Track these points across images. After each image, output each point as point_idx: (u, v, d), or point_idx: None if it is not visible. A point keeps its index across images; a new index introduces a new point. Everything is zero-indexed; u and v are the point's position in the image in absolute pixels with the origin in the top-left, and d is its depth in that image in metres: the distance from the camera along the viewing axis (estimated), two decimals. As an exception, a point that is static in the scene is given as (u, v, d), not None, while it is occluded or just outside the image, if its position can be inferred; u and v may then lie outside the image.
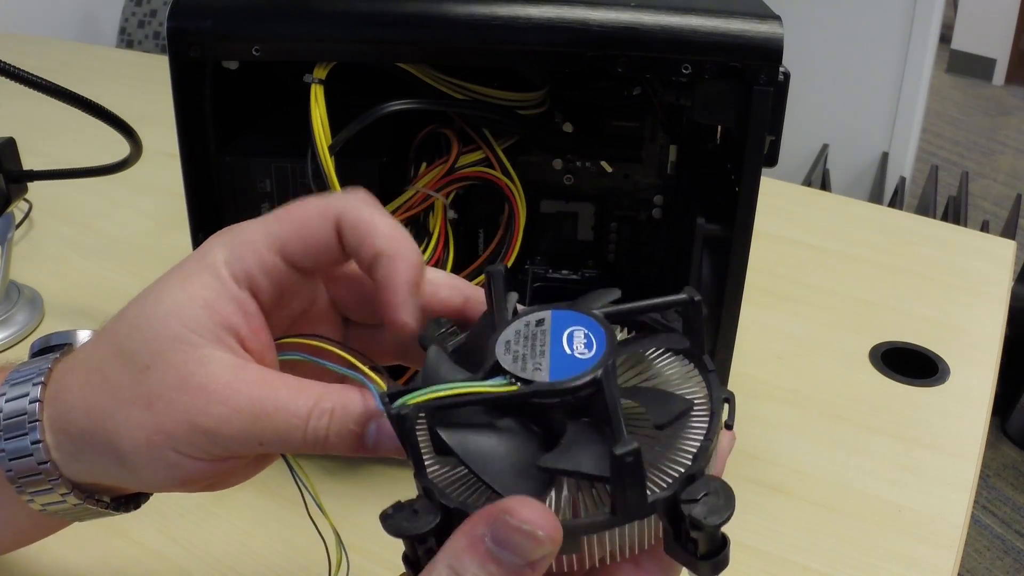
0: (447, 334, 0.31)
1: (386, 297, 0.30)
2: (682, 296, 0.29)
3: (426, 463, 0.27)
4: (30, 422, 0.29)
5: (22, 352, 0.62)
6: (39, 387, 0.30)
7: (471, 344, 0.30)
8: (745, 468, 0.51)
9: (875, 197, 2.47)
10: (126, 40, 2.07)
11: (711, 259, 0.44)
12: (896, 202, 2.34)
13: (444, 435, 0.26)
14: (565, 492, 0.26)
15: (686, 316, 0.30)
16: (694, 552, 0.25)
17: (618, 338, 0.28)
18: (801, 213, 0.86)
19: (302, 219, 0.30)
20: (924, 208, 2.27)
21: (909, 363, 0.63)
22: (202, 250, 0.30)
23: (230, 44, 0.41)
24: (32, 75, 0.51)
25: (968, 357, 0.64)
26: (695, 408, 0.28)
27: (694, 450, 0.26)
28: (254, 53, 0.41)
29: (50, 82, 0.52)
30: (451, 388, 0.26)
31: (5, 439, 0.29)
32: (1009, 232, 2.05)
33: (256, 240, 0.30)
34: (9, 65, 0.50)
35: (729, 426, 0.29)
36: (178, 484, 0.29)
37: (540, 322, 0.29)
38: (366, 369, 0.29)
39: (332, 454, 0.29)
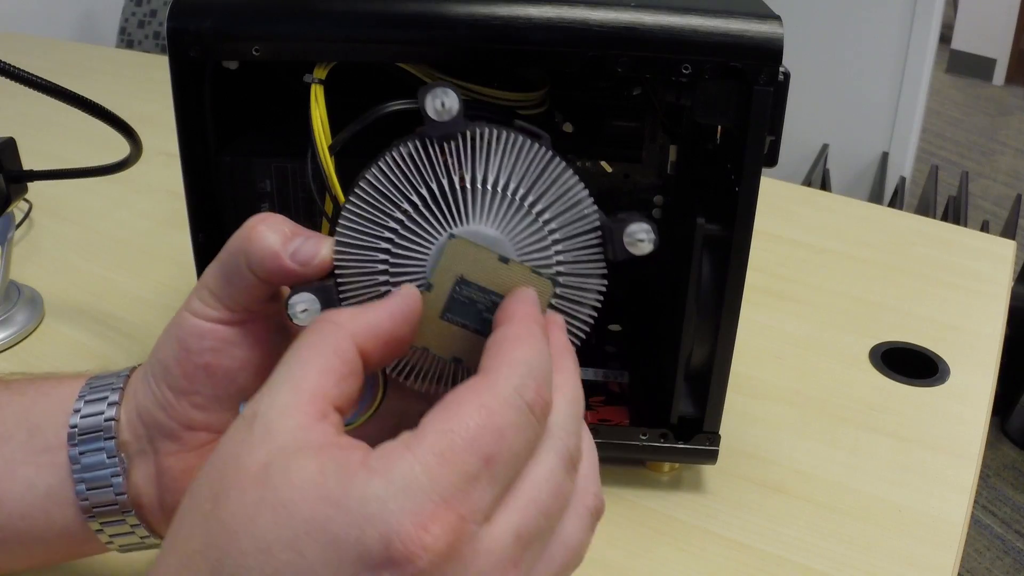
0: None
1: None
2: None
3: None
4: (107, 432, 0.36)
5: (22, 352, 0.62)
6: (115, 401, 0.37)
7: None
8: (745, 468, 0.51)
9: (875, 197, 2.48)
10: (126, 40, 2.07)
11: (711, 259, 0.44)
12: (896, 202, 2.35)
13: None
14: None
15: None
16: None
17: None
18: (801, 213, 0.86)
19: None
20: (924, 208, 2.27)
21: (909, 363, 0.63)
22: None
23: (230, 44, 0.41)
24: (32, 75, 0.51)
25: (968, 357, 0.64)
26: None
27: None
28: (254, 53, 0.41)
29: (50, 82, 0.52)
30: None
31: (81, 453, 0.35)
32: (1009, 232, 2.05)
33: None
34: (9, 65, 0.50)
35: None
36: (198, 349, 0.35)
37: None
38: None
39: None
